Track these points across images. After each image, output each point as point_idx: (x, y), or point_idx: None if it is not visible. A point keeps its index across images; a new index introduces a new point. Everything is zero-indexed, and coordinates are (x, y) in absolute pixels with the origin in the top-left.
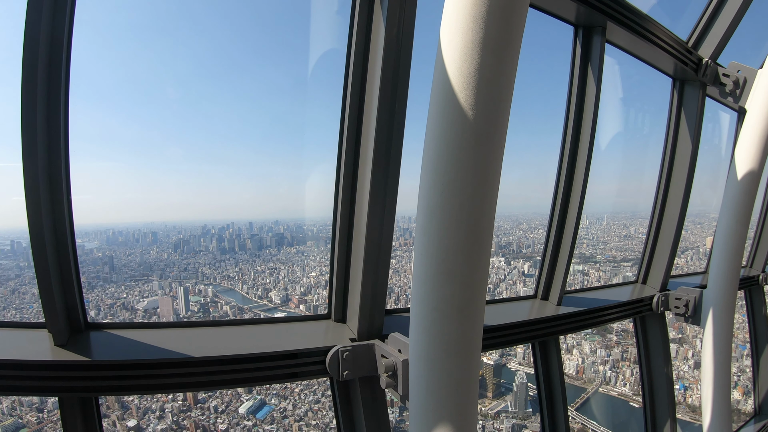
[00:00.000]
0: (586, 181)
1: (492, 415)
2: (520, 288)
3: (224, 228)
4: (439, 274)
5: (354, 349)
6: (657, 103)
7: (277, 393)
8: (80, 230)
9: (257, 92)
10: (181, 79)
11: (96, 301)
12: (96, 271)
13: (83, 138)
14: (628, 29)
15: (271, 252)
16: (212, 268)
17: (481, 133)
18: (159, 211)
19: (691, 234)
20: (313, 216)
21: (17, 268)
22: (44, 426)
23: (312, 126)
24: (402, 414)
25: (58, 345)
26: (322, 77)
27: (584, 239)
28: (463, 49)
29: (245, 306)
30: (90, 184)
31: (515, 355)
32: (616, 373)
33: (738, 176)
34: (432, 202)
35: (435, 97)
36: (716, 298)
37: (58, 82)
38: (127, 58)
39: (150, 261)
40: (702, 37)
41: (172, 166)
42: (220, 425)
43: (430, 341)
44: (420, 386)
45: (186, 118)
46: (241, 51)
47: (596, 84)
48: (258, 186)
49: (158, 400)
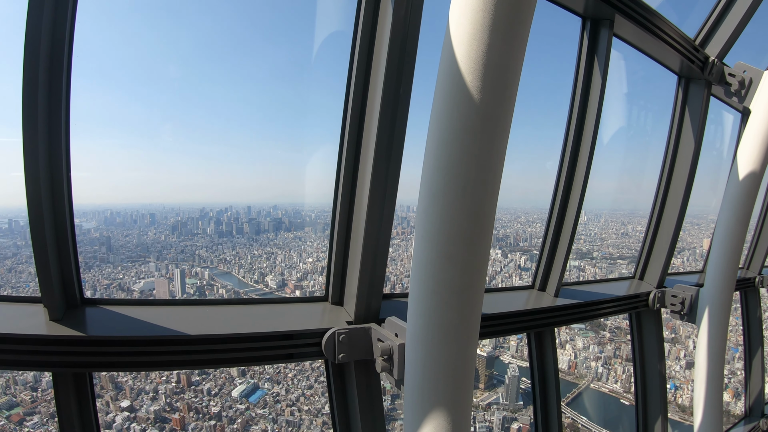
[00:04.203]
0: (588, 174)
1: (483, 407)
2: (515, 281)
3: (222, 211)
4: (439, 257)
5: (350, 331)
6: (661, 100)
7: (270, 377)
8: (78, 210)
9: (261, 73)
10: (184, 59)
11: (92, 281)
12: (93, 251)
13: (84, 115)
14: (636, 23)
15: (268, 236)
16: (209, 251)
17: (487, 116)
18: (157, 193)
19: (689, 234)
20: (312, 202)
21: (14, 247)
22: (38, 405)
23: (315, 109)
24: (394, 402)
25: (53, 320)
26: (326, 59)
27: (581, 235)
28: (472, 31)
29: (241, 290)
30: (89, 162)
31: (508, 347)
32: (608, 370)
33: (739, 176)
34: (434, 185)
35: (441, 78)
36: (713, 296)
37: (60, 59)
38: (131, 36)
39: (147, 242)
40: (709, 35)
41: (173, 146)
42: (213, 408)
43: (428, 325)
44: (416, 370)
45: (188, 99)
46: (246, 30)
47: (602, 77)
48: (258, 170)
49: (152, 382)
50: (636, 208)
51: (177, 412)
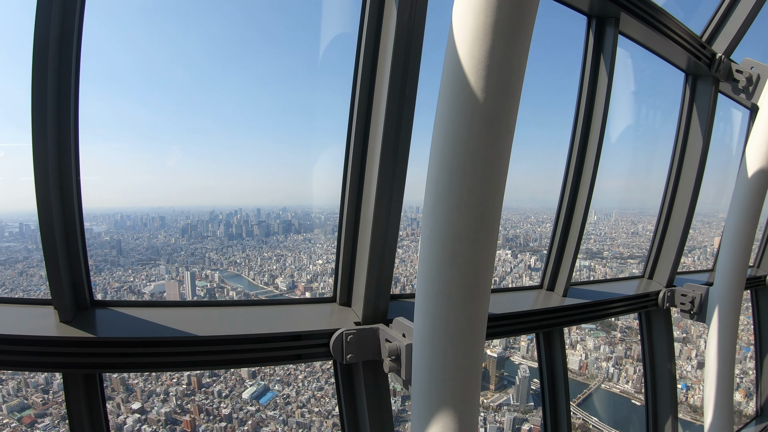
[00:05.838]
0: (596, 173)
1: (494, 408)
2: (525, 282)
3: (232, 214)
4: (445, 257)
5: (358, 332)
6: (668, 98)
7: (280, 379)
8: (88, 213)
9: (268, 76)
10: (191, 62)
11: (103, 284)
12: (104, 254)
13: (93, 119)
14: (642, 21)
15: (278, 239)
16: (219, 253)
17: (492, 115)
18: (167, 196)
19: (699, 233)
20: (321, 204)
21: (25, 251)
22: (49, 407)
23: (322, 111)
24: (404, 404)
25: (64, 321)
26: (332, 61)
27: (591, 234)
28: (475, 31)
29: (251, 292)
30: (99, 166)
31: (519, 348)
32: (619, 370)
33: (748, 174)
34: (440, 185)
35: (446, 79)
36: (722, 295)
37: (69, 63)
38: (140, 40)
39: (157, 245)
40: (716, 32)
41: (182, 149)
42: (224, 410)
43: (435, 325)
44: (423, 371)
45: (196, 102)
46: (253, 33)
47: (608, 76)
48: (266, 172)
49: (163, 384)
50: (645, 206)
51: (188, 414)
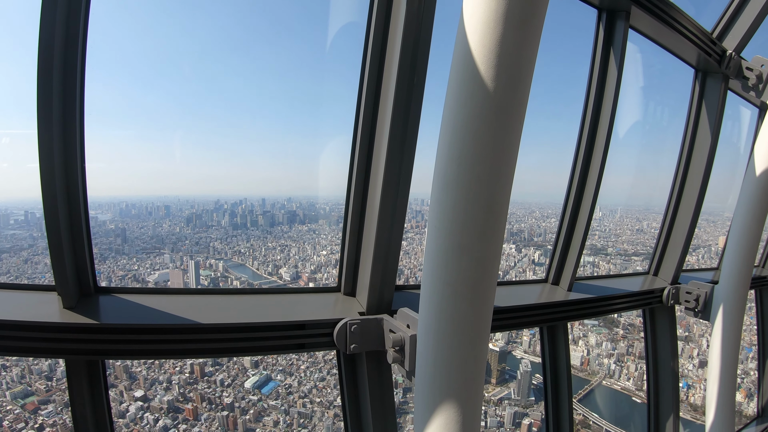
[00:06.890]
0: (603, 169)
1: (495, 402)
2: (529, 276)
3: (237, 203)
4: (452, 248)
5: (362, 322)
6: (677, 94)
7: (283, 369)
8: (93, 202)
9: (277, 65)
10: (200, 50)
11: (107, 272)
12: (108, 242)
13: (100, 106)
14: (652, 15)
15: (282, 229)
16: (224, 243)
17: (501, 106)
18: (172, 185)
19: (704, 232)
20: (327, 194)
21: (30, 238)
22: (52, 394)
23: (329, 101)
24: (406, 396)
25: (67, 308)
26: (341, 50)
27: (596, 231)
28: (486, 20)
29: (255, 282)
30: (105, 154)
31: (521, 342)
32: (621, 367)
33: (756, 172)
34: (448, 175)
35: (455, 68)
36: (727, 294)
37: (75, 49)
38: (148, 27)
39: (162, 234)
40: (727, 28)
41: (188, 138)
42: (226, 398)
43: (440, 316)
44: (427, 362)
45: (203, 90)
46: (262, 21)
47: (618, 70)
48: (272, 162)
49: (165, 372)
50: (651, 203)
51: (190, 402)
